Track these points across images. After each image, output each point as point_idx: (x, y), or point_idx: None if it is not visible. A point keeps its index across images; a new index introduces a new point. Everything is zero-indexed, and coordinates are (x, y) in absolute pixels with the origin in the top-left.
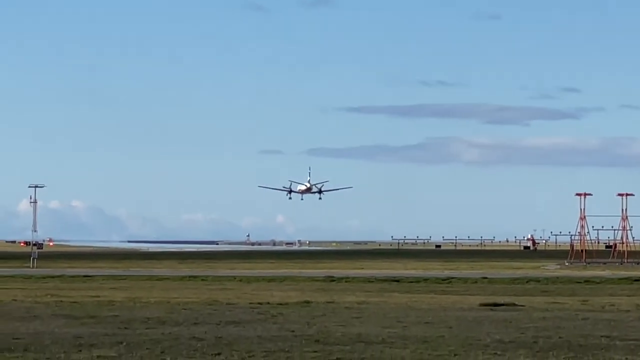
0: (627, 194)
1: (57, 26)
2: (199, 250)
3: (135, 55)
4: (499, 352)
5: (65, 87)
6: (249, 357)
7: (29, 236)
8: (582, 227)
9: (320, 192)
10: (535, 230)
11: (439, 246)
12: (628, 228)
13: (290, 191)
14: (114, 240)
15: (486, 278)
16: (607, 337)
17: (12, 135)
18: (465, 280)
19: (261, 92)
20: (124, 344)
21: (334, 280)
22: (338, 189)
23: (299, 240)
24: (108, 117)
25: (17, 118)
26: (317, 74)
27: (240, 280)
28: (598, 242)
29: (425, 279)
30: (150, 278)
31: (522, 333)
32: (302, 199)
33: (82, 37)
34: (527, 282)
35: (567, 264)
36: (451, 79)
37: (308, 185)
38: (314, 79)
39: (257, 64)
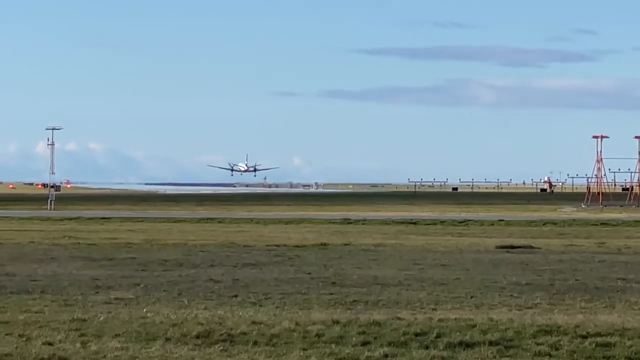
0: None
1: None
2: (217, 192)
3: None
4: (515, 294)
5: (83, 30)
6: (265, 299)
7: (46, 178)
8: (599, 169)
9: (255, 170)
10: (551, 173)
11: (456, 189)
12: None
13: (233, 169)
14: (132, 183)
15: (503, 220)
16: (624, 279)
17: (30, 77)
18: (481, 222)
19: (276, 33)
20: (142, 285)
21: (350, 223)
22: (269, 169)
23: (315, 183)
24: (125, 59)
25: (35, 61)
26: (333, 15)
27: (258, 223)
28: (615, 185)
29: (442, 222)
30: (167, 220)
31: (539, 275)
32: (241, 175)
33: None
34: (543, 224)
35: (583, 206)
36: (467, 21)
37: (245, 167)
38: (329, 21)
39: (272, 5)
